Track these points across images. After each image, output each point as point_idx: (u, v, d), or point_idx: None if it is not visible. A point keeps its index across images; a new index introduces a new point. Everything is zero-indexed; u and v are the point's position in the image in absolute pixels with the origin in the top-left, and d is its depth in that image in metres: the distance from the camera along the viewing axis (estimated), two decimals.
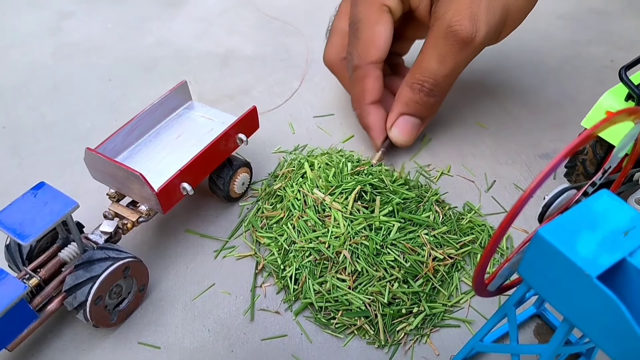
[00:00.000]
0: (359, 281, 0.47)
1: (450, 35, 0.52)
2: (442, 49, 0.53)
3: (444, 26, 0.52)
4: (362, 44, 0.55)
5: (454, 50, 0.53)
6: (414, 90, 0.56)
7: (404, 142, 0.59)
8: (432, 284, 0.48)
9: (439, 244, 0.50)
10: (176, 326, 0.48)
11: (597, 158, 0.52)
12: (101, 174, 0.50)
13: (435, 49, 0.54)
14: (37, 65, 0.78)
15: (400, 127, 0.58)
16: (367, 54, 0.56)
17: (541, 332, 0.47)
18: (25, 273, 0.44)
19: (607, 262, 0.29)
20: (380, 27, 0.55)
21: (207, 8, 0.90)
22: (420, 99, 0.57)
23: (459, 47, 0.53)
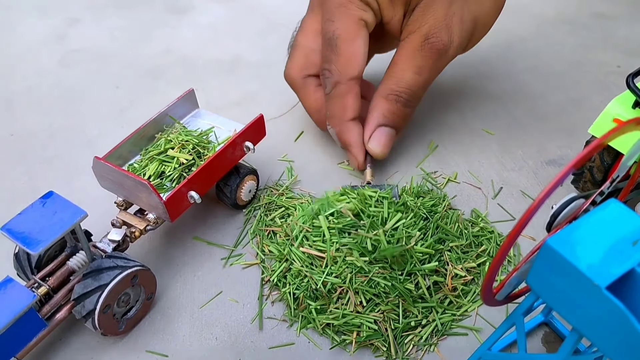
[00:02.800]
0: (369, 306, 0.47)
1: (427, 47, 0.54)
2: (419, 61, 0.55)
3: (421, 38, 0.54)
4: (342, 60, 0.55)
5: (430, 61, 0.55)
6: (390, 101, 0.56)
7: (382, 153, 0.58)
8: (449, 300, 0.48)
9: (459, 259, 0.50)
10: (184, 334, 0.48)
11: (605, 165, 0.51)
12: (109, 183, 0.50)
13: (411, 60, 0.55)
14: (44, 73, 0.78)
15: (378, 139, 0.58)
16: (347, 70, 0.55)
17: (549, 340, 0.47)
18: (34, 282, 0.45)
19: (616, 272, 0.29)
20: (360, 42, 0.55)
21: (213, 15, 0.90)
22: (397, 110, 0.57)
23: (436, 57, 0.54)
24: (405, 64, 0.55)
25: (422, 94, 0.58)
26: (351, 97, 0.56)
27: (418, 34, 0.54)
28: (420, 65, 0.55)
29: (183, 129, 0.55)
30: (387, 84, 0.57)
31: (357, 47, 0.55)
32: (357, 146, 0.59)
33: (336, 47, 0.55)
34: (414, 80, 0.56)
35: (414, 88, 0.56)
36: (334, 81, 0.56)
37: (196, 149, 0.53)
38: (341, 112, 0.57)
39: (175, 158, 0.52)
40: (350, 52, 0.55)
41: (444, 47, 0.54)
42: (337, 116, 0.58)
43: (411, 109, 0.58)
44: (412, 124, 0.68)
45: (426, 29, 0.53)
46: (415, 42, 0.54)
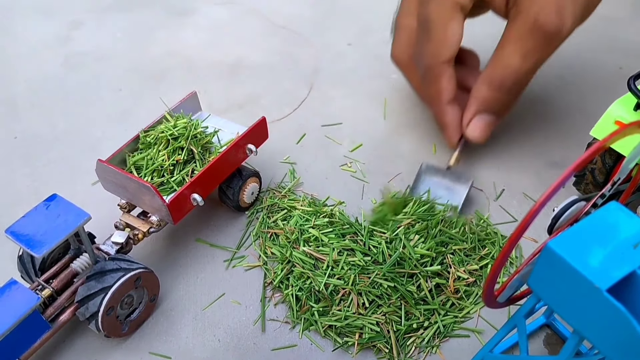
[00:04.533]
0: (371, 308, 0.47)
1: (536, 30, 0.50)
2: (527, 44, 0.51)
3: (530, 20, 0.50)
4: (434, 44, 0.54)
5: (539, 45, 0.51)
6: (492, 87, 0.54)
7: (480, 139, 0.58)
8: (451, 302, 0.48)
9: (462, 261, 0.50)
10: (187, 336, 0.48)
11: (606, 167, 0.52)
12: (112, 185, 0.51)
13: (518, 44, 0.51)
14: (47, 75, 0.79)
15: (477, 125, 0.57)
16: (440, 54, 0.54)
17: (551, 342, 0.47)
18: (37, 284, 0.45)
19: (617, 275, 0.29)
20: (453, 25, 0.53)
21: (215, 17, 0.90)
22: (500, 97, 0.55)
23: (546, 41, 0.50)
24: (512, 48, 0.52)
25: (527, 80, 0.55)
26: (444, 80, 0.55)
27: (525, 15, 0.50)
28: (528, 50, 0.51)
29: (183, 122, 0.55)
30: (492, 69, 0.54)
31: (449, 31, 0.53)
32: (453, 128, 0.58)
33: (429, 30, 0.54)
34: (520, 66, 0.52)
35: (520, 74, 0.53)
36: (426, 64, 0.55)
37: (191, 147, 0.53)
38: (437, 96, 0.57)
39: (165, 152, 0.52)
40: (442, 36, 0.53)
41: (555, 30, 0.50)
42: (432, 99, 0.58)
43: (515, 96, 0.56)
44: (414, 125, 0.68)
45: (535, 10, 0.49)
46: (523, 24, 0.50)
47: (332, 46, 0.82)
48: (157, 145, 0.52)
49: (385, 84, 0.74)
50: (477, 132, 0.57)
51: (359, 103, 0.71)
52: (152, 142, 0.52)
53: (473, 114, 0.57)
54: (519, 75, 0.53)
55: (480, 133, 0.57)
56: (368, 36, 0.83)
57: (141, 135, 0.53)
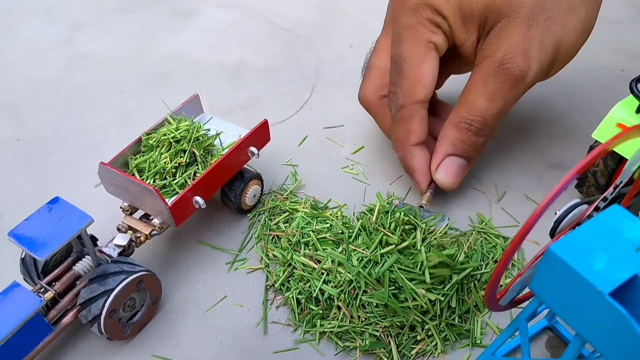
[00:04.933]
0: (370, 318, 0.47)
1: (502, 73, 0.50)
2: (492, 87, 0.51)
3: (495, 64, 0.50)
4: (407, 83, 0.53)
5: (505, 88, 0.51)
6: (461, 129, 0.53)
7: (450, 184, 0.55)
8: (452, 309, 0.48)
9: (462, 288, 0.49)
10: (189, 338, 0.48)
11: (609, 170, 0.52)
12: (114, 188, 0.51)
13: (484, 87, 0.52)
14: (50, 78, 0.79)
15: (446, 169, 0.55)
16: (413, 93, 0.53)
17: (553, 345, 0.47)
18: (40, 287, 0.45)
19: (619, 278, 0.29)
20: (427, 65, 0.53)
21: (217, 19, 0.90)
22: (468, 139, 0.54)
23: (510, 85, 0.51)
24: (478, 91, 0.52)
25: (495, 123, 0.54)
26: (416, 122, 0.54)
27: (492, 59, 0.50)
28: (494, 93, 0.51)
29: (185, 124, 0.55)
30: (459, 112, 0.53)
31: (424, 70, 0.53)
32: (422, 172, 0.56)
33: (402, 70, 0.53)
34: (486, 108, 0.52)
35: (487, 116, 0.53)
36: (398, 104, 0.54)
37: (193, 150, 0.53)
38: (405, 137, 0.55)
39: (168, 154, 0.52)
40: (416, 75, 0.53)
41: (520, 74, 0.50)
42: (400, 140, 0.56)
43: (483, 139, 0.54)
44: None
45: (501, 54, 0.50)
46: (488, 68, 0.51)
47: (334, 48, 0.82)
48: (159, 148, 0.52)
49: None
50: (448, 177, 0.55)
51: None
52: (155, 144, 0.52)
53: (442, 157, 0.55)
54: (485, 118, 0.53)
55: (450, 177, 0.55)
56: (370, 38, 0.83)
57: (143, 138, 0.53)
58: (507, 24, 0.50)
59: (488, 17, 0.50)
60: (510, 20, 0.49)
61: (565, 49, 0.52)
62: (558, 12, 0.50)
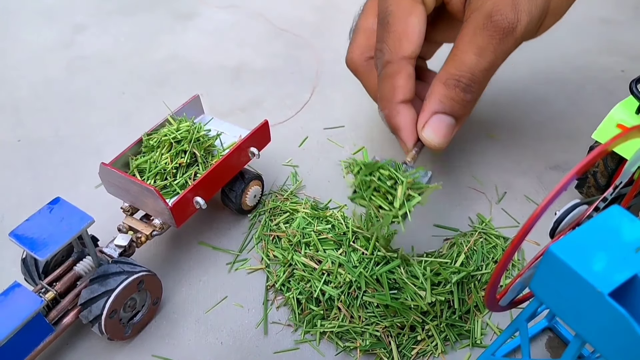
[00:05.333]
0: (371, 318, 0.47)
1: (490, 26, 0.48)
2: (481, 41, 0.49)
3: (484, 16, 0.48)
4: (393, 37, 0.51)
5: (494, 41, 0.49)
6: (448, 86, 0.50)
7: (438, 143, 0.51)
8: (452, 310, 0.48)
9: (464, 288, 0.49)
10: (189, 339, 0.48)
11: (609, 170, 0.52)
12: (115, 188, 0.51)
13: (473, 41, 0.49)
14: (51, 79, 0.79)
15: (434, 127, 0.51)
16: (399, 48, 0.51)
17: (553, 345, 0.47)
18: (41, 287, 0.45)
19: (619, 279, 0.29)
20: (414, 18, 0.51)
21: (217, 21, 0.90)
22: (456, 96, 0.50)
23: (500, 37, 0.48)
24: (466, 46, 0.49)
25: (485, 79, 0.51)
26: (402, 77, 0.51)
27: (480, 12, 0.48)
28: (483, 46, 0.49)
29: (186, 125, 0.55)
30: (447, 68, 0.51)
31: (410, 24, 0.50)
32: (407, 131, 0.52)
33: (388, 24, 0.51)
34: (475, 63, 0.49)
35: (476, 71, 0.50)
36: (384, 60, 0.52)
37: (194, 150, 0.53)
38: (390, 93, 0.52)
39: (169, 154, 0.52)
40: (402, 29, 0.50)
41: (509, 26, 0.48)
42: (386, 98, 0.52)
43: (472, 95, 0.51)
44: None
45: (489, 6, 0.48)
46: (477, 21, 0.49)
47: (334, 49, 0.82)
48: (160, 149, 0.52)
49: None
50: (436, 135, 0.51)
51: (361, 106, 0.71)
52: (155, 145, 0.52)
53: (429, 115, 0.51)
54: (475, 73, 0.50)
55: (438, 136, 0.51)
56: None
57: (144, 139, 0.53)
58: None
59: None
60: None
61: (555, 2, 0.51)
62: None
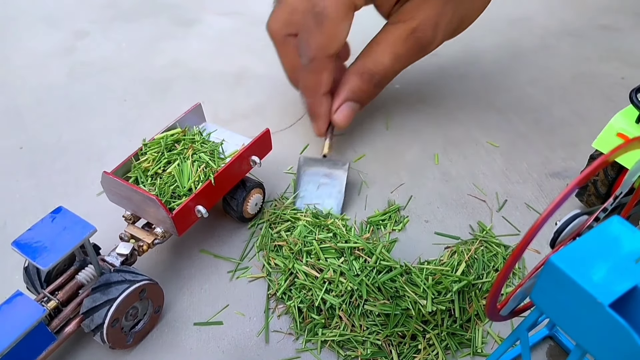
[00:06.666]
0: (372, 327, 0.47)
1: (412, 40, 0.57)
2: (401, 50, 0.58)
3: (408, 30, 0.56)
4: (324, 38, 0.56)
5: (411, 52, 0.58)
6: (363, 79, 0.59)
7: (345, 125, 0.62)
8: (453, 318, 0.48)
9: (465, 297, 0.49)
10: (191, 347, 0.48)
11: (609, 179, 0.52)
12: (117, 197, 0.51)
13: (393, 47, 0.58)
14: (53, 86, 0.79)
15: (344, 112, 0.61)
16: (328, 48, 0.56)
17: (554, 354, 0.47)
18: (43, 296, 0.45)
19: (619, 289, 0.29)
20: (346, 24, 0.56)
21: (219, 27, 0.91)
22: (368, 89, 0.60)
23: (417, 50, 0.58)
24: (387, 49, 0.58)
25: (392, 78, 0.61)
26: (326, 74, 0.58)
27: (407, 26, 0.56)
28: (400, 54, 0.58)
29: (200, 139, 0.56)
30: (364, 62, 0.59)
31: (341, 29, 0.56)
32: (324, 118, 0.62)
33: (321, 24, 0.55)
34: (390, 66, 0.58)
35: (389, 72, 0.59)
36: (311, 55, 0.57)
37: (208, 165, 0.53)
38: (315, 86, 0.59)
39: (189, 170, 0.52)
40: (334, 32, 0.55)
41: (427, 43, 0.57)
42: (311, 89, 0.60)
43: (379, 90, 0.61)
44: (417, 136, 0.68)
45: (416, 23, 0.56)
46: (401, 32, 0.57)
47: None
48: (161, 155, 0.53)
49: (388, 95, 0.74)
50: (344, 119, 0.61)
51: (362, 114, 0.71)
52: (157, 151, 0.53)
53: (342, 102, 0.61)
54: (387, 73, 0.59)
55: (346, 119, 0.61)
56: None
57: (144, 144, 0.54)
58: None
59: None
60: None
61: (465, 24, 0.61)
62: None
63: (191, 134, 0.56)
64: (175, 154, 0.53)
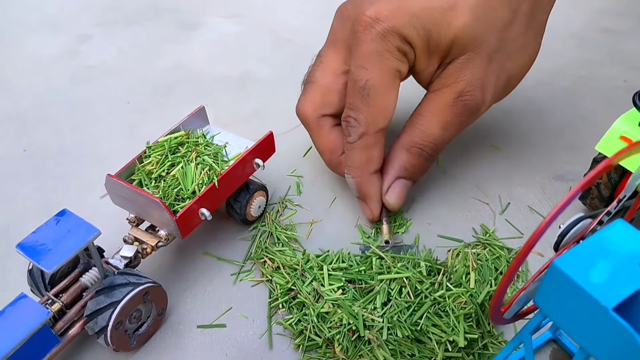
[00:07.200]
0: None
1: (460, 104, 0.52)
2: (449, 117, 0.53)
3: (454, 95, 0.52)
4: (373, 112, 0.52)
5: (460, 118, 0.53)
6: (413, 154, 0.55)
7: (398, 206, 0.57)
8: None
9: None
10: (194, 350, 0.48)
11: (612, 182, 0.52)
12: (121, 200, 0.51)
13: (440, 115, 0.53)
14: (56, 89, 0.80)
15: (396, 192, 0.56)
16: (377, 122, 0.53)
17: (557, 358, 0.47)
18: (47, 298, 0.45)
19: (623, 293, 0.29)
20: (393, 94, 0.52)
21: (222, 31, 0.91)
22: (419, 163, 0.56)
23: (467, 115, 0.53)
24: (433, 118, 0.53)
25: (443, 148, 0.56)
26: (377, 150, 0.54)
27: (452, 90, 0.52)
28: (449, 122, 0.53)
29: (204, 141, 0.56)
30: (412, 136, 0.55)
31: (390, 99, 0.52)
32: (376, 199, 0.57)
33: (368, 97, 0.52)
34: (440, 136, 0.54)
35: (439, 143, 0.54)
36: (360, 132, 0.53)
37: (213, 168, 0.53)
38: (365, 164, 0.55)
39: None
40: (382, 104, 0.52)
41: (476, 106, 0.53)
42: (359, 167, 0.55)
43: (431, 163, 0.57)
44: None
45: (462, 86, 0.52)
46: (447, 97, 0.52)
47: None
48: (165, 157, 0.53)
49: None
50: (397, 199, 0.56)
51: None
52: (161, 156, 0.53)
53: (393, 180, 0.56)
54: (437, 144, 0.54)
55: (400, 199, 0.57)
56: None
57: (148, 150, 0.54)
58: (470, 58, 0.51)
59: (452, 50, 0.51)
60: (473, 55, 0.51)
61: (513, 82, 0.56)
62: (514, 49, 0.53)
63: (195, 136, 0.56)
64: (179, 157, 0.53)
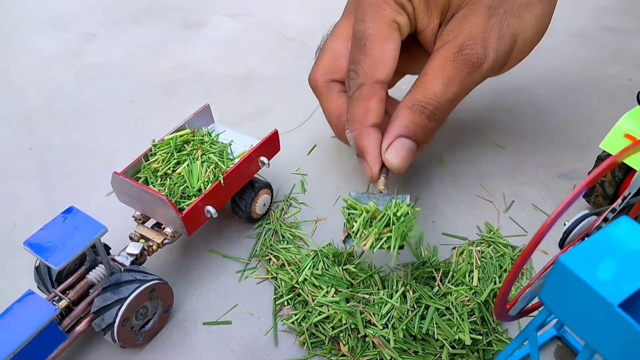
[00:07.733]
0: None
1: (460, 59, 0.51)
2: (450, 72, 0.51)
3: (455, 49, 0.51)
4: (370, 61, 0.52)
5: (462, 73, 0.51)
6: (414, 112, 0.52)
7: (399, 166, 0.53)
8: None
9: None
10: (200, 347, 0.49)
11: (616, 180, 0.52)
12: (127, 197, 0.51)
13: (442, 71, 0.52)
14: (61, 88, 0.80)
15: (397, 150, 0.52)
16: (375, 72, 0.52)
17: (562, 355, 0.47)
18: (54, 295, 0.46)
19: (629, 289, 0.29)
20: (391, 44, 0.52)
21: (226, 30, 0.91)
22: (421, 122, 0.52)
23: (468, 71, 0.51)
24: (435, 75, 0.52)
25: (449, 108, 0.53)
26: (375, 101, 0.52)
27: (452, 44, 0.51)
28: (451, 77, 0.51)
29: (209, 140, 0.56)
30: (413, 94, 0.52)
31: (387, 49, 0.52)
32: (374, 155, 0.53)
33: (365, 47, 0.52)
34: (441, 92, 0.52)
35: (441, 100, 0.52)
36: (358, 82, 0.52)
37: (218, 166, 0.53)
38: (362, 116, 0.53)
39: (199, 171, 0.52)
40: (379, 53, 0.52)
41: (477, 60, 0.51)
42: (357, 119, 0.53)
43: (436, 123, 0.53)
44: None
45: (461, 40, 0.51)
46: (448, 53, 0.51)
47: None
48: (171, 155, 0.53)
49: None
50: (397, 158, 0.52)
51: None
52: (167, 154, 0.53)
53: (393, 138, 0.53)
54: (440, 102, 0.52)
55: (400, 159, 0.53)
56: None
57: (154, 148, 0.54)
58: (469, 11, 0.51)
59: (451, 4, 0.51)
60: (472, 8, 0.50)
61: (520, 43, 0.53)
62: (516, 5, 0.51)
63: (200, 134, 0.56)
64: (185, 155, 0.53)
